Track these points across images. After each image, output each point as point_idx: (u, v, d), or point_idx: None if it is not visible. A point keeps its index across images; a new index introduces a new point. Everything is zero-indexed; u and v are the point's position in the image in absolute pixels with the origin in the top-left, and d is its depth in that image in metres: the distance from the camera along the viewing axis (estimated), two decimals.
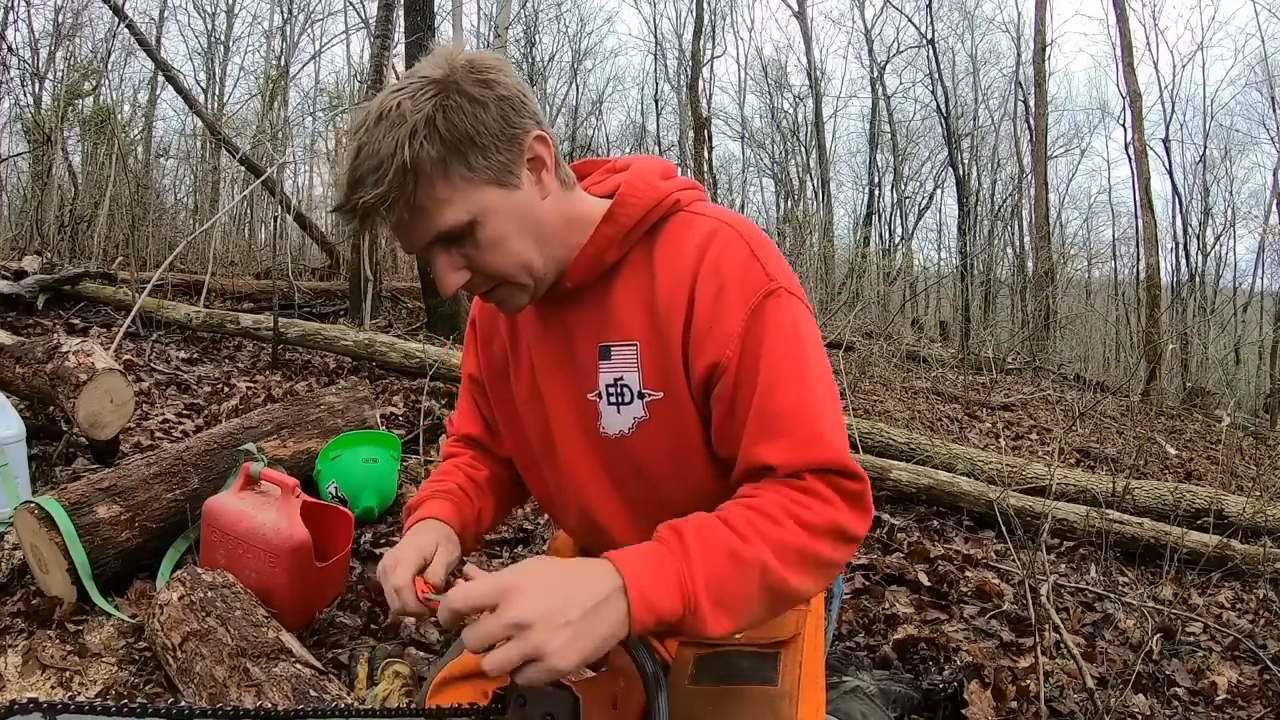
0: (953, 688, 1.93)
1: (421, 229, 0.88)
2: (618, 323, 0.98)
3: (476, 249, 0.90)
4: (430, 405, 3.99)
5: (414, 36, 5.98)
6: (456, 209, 0.87)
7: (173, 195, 13.17)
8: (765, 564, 0.82)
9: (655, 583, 0.78)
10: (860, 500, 0.91)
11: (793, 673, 1.07)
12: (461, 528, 1.10)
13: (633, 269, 0.98)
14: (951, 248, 18.84)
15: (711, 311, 0.92)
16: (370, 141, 0.85)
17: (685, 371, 0.94)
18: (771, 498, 0.88)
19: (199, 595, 1.81)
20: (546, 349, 1.04)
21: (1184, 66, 31.09)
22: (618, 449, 1.00)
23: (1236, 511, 3.45)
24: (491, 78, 0.88)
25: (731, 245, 0.94)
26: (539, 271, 0.94)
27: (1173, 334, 12.12)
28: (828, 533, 0.87)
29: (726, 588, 0.81)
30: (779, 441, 0.89)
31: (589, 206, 0.99)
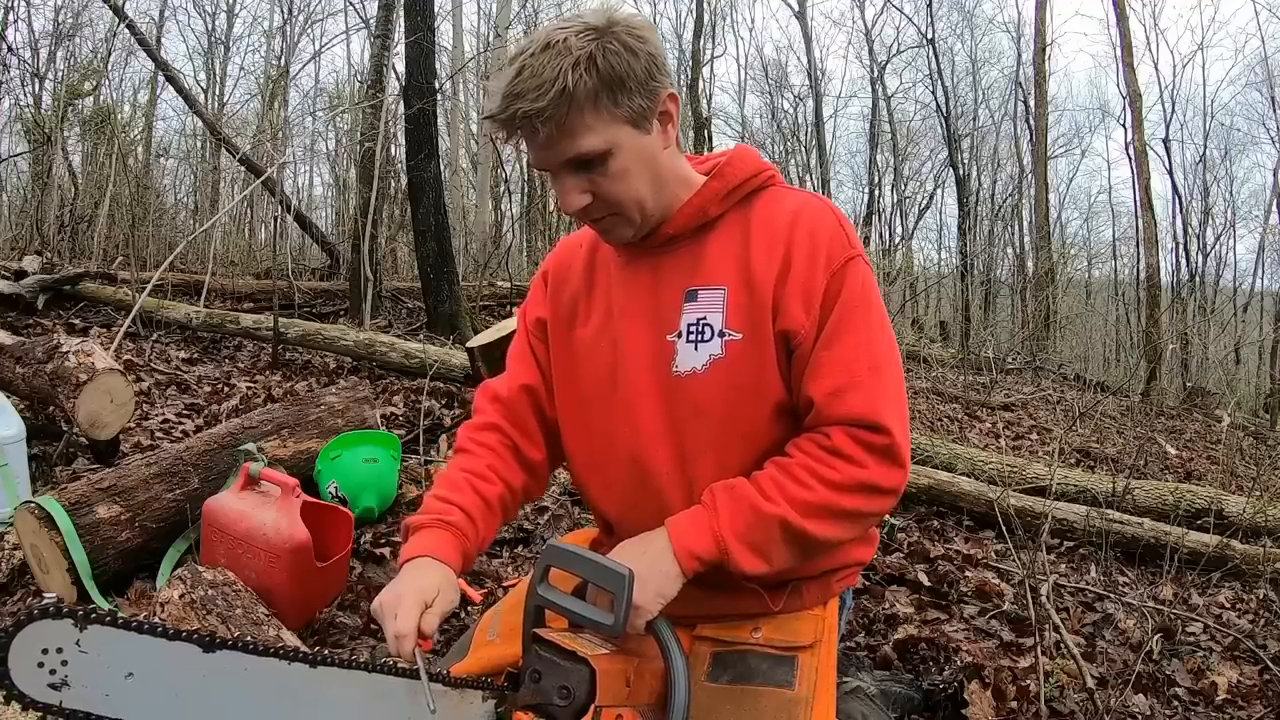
0: (953, 688, 1.93)
1: (562, 148, 0.99)
2: (708, 270, 1.09)
3: (604, 177, 1.02)
4: (430, 405, 3.99)
5: (414, 36, 5.98)
6: (596, 137, 0.98)
7: (173, 195, 13.17)
8: (784, 519, 0.99)
9: (692, 534, 1.01)
10: (889, 453, 1.01)
11: (810, 679, 1.08)
12: (463, 564, 1.11)
13: (728, 226, 1.10)
14: (951, 248, 18.84)
15: (806, 269, 1.04)
16: (534, 64, 0.95)
17: (773, 315, 1.05)
18: (799, 459, 1.03)
19: (200, 593, 1.81)
20: (630, 293, 1.14)
21: (1184, 66, 31.08)
22: (684, 389, 1.08)
23: (1236, 511, 3.45)
24: (643, 34, 1.00)
25: (823, 215, 1.08)
26: (649, 210, 1.06)
27: (1173, 334, 12.12)
28: (854, 489, 1.01)
29: (751, 535, 1.00)
30: (822, 381, 1.03)
31: (692, 173, 1.13)
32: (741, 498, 1.01)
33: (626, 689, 0.95)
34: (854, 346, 1.03)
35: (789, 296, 1.04)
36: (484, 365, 3.73)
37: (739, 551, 0.99)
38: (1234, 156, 17.59)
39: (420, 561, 1.07)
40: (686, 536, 1.00)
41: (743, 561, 1.00)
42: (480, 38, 16.19)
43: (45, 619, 0.72)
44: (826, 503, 1.00)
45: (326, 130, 15.79)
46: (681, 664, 0.95)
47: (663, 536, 1.01)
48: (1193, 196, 16.65)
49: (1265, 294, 15.62)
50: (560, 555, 1.00)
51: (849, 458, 1.00)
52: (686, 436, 1.09)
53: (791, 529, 1.00)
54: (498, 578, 2.44)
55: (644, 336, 1.11)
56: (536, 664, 0.95)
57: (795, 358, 1.05)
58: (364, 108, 6.96)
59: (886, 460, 1.01)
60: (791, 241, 1.06)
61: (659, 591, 0.98)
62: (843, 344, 1.03)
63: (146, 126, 13.66)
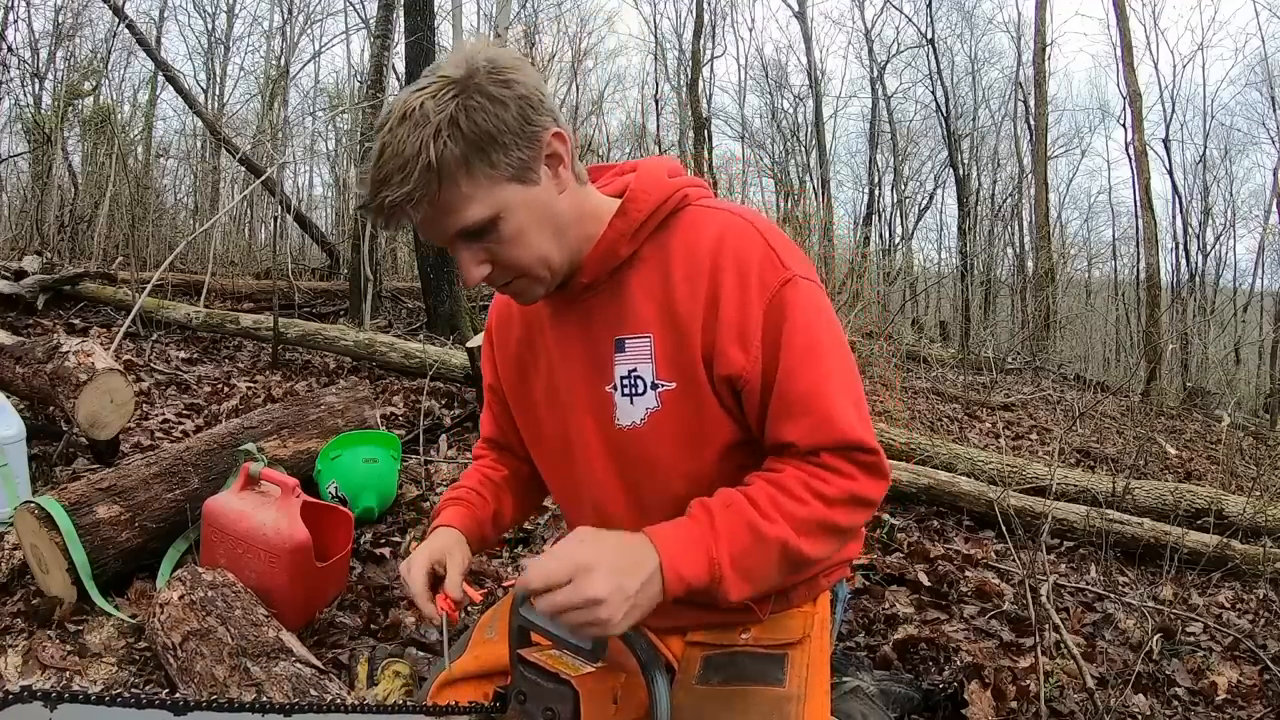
0: (953, 688, 1.93)
1: (446, 225, 0.92)
2: (632, 316, 1.01)
3: (498, 243, 0.93)
4: (430, 405, 3.99)
5: (414, 36, 5.98)
6: (479, 205, 0.90)
7: (173, 195, 13.16)
8: (786, 541, 0.92)
9: (686, 558, 0.89)
10: (876, 468, 0.98)
11: (800, 675, 1.07)
12: (477, 528, 1.17)
13: (646, 264, 1.02)
14: (951, 248, 18.84)
15: (737, 304, 0.96)
16: (394, 141, 0.87)
17: (706, 362, 0.98)
18: (793, 474, 0.96)
19: (199, 594, 1.81)
20: (563, 346, 1.08)
21: (1184, 66, 31.18)
22: (629, 441, 1.04)
23: (1237, 511, 3.45)
24: (511, 77, 0.90)
25: (747, 238, 0.98)
26: (556, 264, 0.98)
27: (1173, 334, 12.12)
28: (845, 502, 0.96)
29: (748, 560, 0.92)
30: (798, 421, 0.97)
31: (601, 202, 1.03)
32: (739, 516, 0.92)
33: (614, 706, 0.95)
34: (817, 377, 0.96)
35: (722, 340, 0.96)
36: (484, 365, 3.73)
37: (732, 579, 0.91)
38: (1234, 156, 17.60)
39: (433, 534, 1.14)
40: (679, 559, 0.89)
41: (731, 589, 0.91)
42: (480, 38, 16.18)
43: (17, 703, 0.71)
44: (821, 518, 0.95)
45: (326, 130, 15.81)
46: (661, 682, 0.94)
47: (648, 551, 0.88)
48: (1193, 196, 16.66)
49: (1265, 294, 15.63)
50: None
51: (840, 471, 0.96)
52: (640, 487, 1.07)
53: (789, 550, 0.93)
54: (498, 578, 2.44)
55: (583, 390, 1.06)
56: (522, 685, 0.95)
57: (747, 399, 0.99)
58: (364, 108, 6.95)
59: (874, 474, 0.98)
60: (716, 275, 0.97)
61: (638, 620, 0.87)
62: (803, 377, 0.96)
63: (146, 126, 13.66)
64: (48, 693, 0.74)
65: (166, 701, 0.79)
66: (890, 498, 3.55)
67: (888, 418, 5.22)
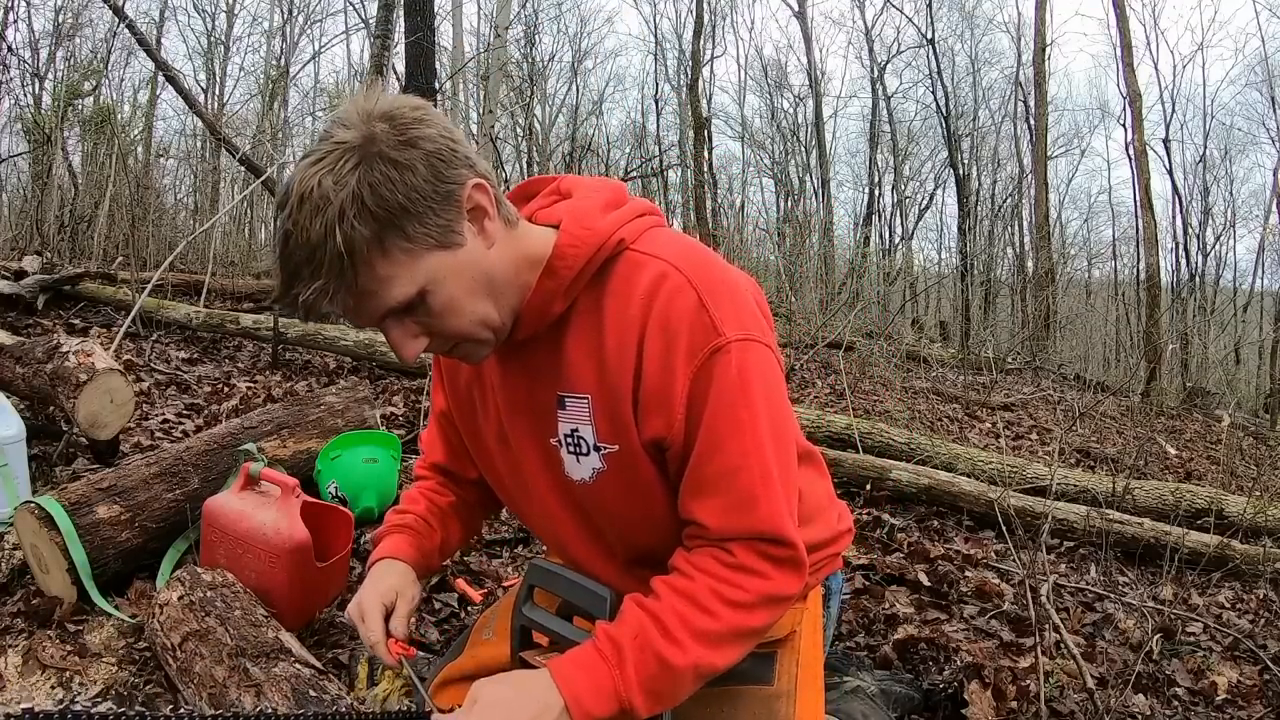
0: (953, 688, 1.93)
1: (371, 309, 0.85)
2: (570, 374, 0.95)
3: (430, 316, 0.87)
4: (430, 405, 3.99)
5: (414, 36, 5.98)
6: (402, 283, 0.83)
7: (173, 195, 13.16)
8: (697, 665, 0.89)
9: (593, 696, 0.87)
10: (792, 564, 0.93)
11: (790, 672, 1.07)
12: (424, 560, 1.15)
13: (581, 317, 0.94)
14: (951, 248, 18.85)
15: (660, 371, 0.89)
16: (297, 229, 0.79)
17: (636, 428, 0.93)
18: (703, 583, 0.91)
19: (199, 595, 1.81)
20: (509, 395, 1.03)
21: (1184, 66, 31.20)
22: (583, 493, 1.01)
23: (1237, 511, 3.45)
24: (414, 133, 0.82)
25: (679, 295, 0.89)
26: (496, 323, 0.92)
27: (1173, 334, 12.13)
28: (758, 605, 0.91)
29: (657, 685, 0.89)
30: (711, 501, 0.91)
31: (535, 242, 0.94)
32: (647, 645, 0.88)
33: None
34: (739, 455, 0.89)
35: (645, 406, 0.91)
36: None
37: (641, 704, 0.88)
38: (1234, 156, 17.64)
39: (378, 565, 1.12)
40: (585, 697, 0.86)
41: (641, 711, 0.89)
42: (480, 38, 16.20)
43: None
44: (734, 628, 0.90)
45: None
46: None
47: (552, 695, 0.86)
48: (1193, 196, 16.68)
49: (1265, 294, 15.64)
50: (543, 575, 0.99)
51: (754, 572, 0.91)
52: (602, 534, 1.05)
53: (701, 670, 0.90)
54: (498, 578, 2.44)
55: (531, 441, 1.02)
56: None
57: (670, 464, 0.95)
58: None
59: (789, 569, 0.93)
60: (644, 334, 0.89)
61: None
62: (726, 454, 0.89)
63: (146, 126, 13.68)
64: (49, 714, 0.73)
65: (170, 718, 0.78)
66: (890, 498, 3.56)
67: (888, 418, 5.22)
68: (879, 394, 6.59)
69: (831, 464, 3.46)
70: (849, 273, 14.19)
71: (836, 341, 7.50)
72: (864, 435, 3.97)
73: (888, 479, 3.57)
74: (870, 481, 3.57)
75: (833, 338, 7.56)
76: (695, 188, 16.07)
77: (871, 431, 4.03)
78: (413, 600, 1.08)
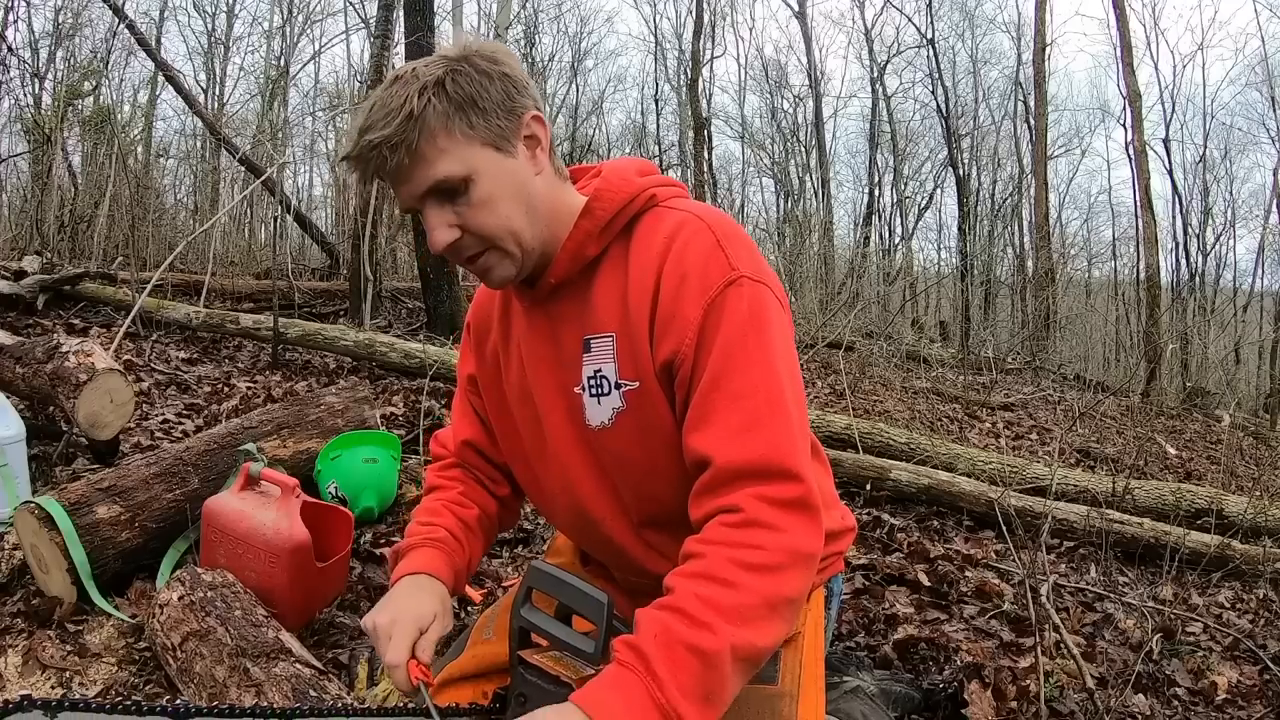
0: (953, 688, 1.93)
1: (419, 177, 0.93)
2: (597, 316, 1.00)
3: (469, 206, 0.94)
4: (430, 405, 3.99)
5: (414, 36, 5.97)
6: (453, 161, 0.92)
7: (173, 195, 13.18)
8: (733, 645, 0.81)
9: (630, 714, 0.77)
10: (804, 508, 0.87)
11: (793, 672, 1.07)
12: (456, 580, 1.11)
13: (611, 264, 1.01)
14: (951, 248, 18.85)
15: (673, 301, 0.94)
16: (383, 98, 0.92)
17: (653, 359, 0.96)
18: (716, 555, 0.85)
19: (199, 595, 1.81)
20: (534, 346, 1.07)
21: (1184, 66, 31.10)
22: (602, 441, 1.02)
23: (1237, 511, 3.45)
24: (501, 59, 0.96)
25: (697, 236, 0.96)
26: (526, 242, 0.97)
27: (1173, 334, 12.12)
28: (783, 565, 0.85)
29: (703, 686, 0.80)
30: (713, 429, 0.90)
31: (575, 199, 1.03)
32: (673, 640, 0.80)
33: None
34: (747, 383, 0.90)
35: (660, 334, 0.94)
36: None
37: (690, 709, 0.78)
38: (1234, 156, 17.60)
39: (415, 579, 1.06)
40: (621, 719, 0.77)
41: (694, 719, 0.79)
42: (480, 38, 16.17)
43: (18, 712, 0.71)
44: (763, 597, 0.83)
45: (326, 130, 15.79)
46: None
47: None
48: (1193, 196, 16.66)
49: (1265, 294, 15.62)
50: (541, 578, 0.98)
51: (767, 526, 0.85)
52: (619, 484, 1.04)
53: (740, 652, 0.81)
54: (497, 578, 2.44)
55: (554, 390, 1.05)
56: (522, 687, 0.95)
57: (676, 392, 0.95)
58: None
59: (804, 514, 0.87)
60: (661, 271, 0.95)
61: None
62: (732, 381, 0.90)
63: (146, 126, 13.68)
64: (48, 701, 0.74)
65: (168, 709, 0.79)
66: (890, 498, 3.56)
67: (888, 418, 5.22)
68: (879, 394, 6.59)
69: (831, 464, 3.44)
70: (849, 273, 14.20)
71: (836, 341, 7.50)
72: (864, 435, 3.97)
73: (888, 479, 3.57)
74: (870, 481, 3.57)
75: (833, 338, 7.56)
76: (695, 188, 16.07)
77: (871, 431, 4.03)
78: (446, 629, 1.03)
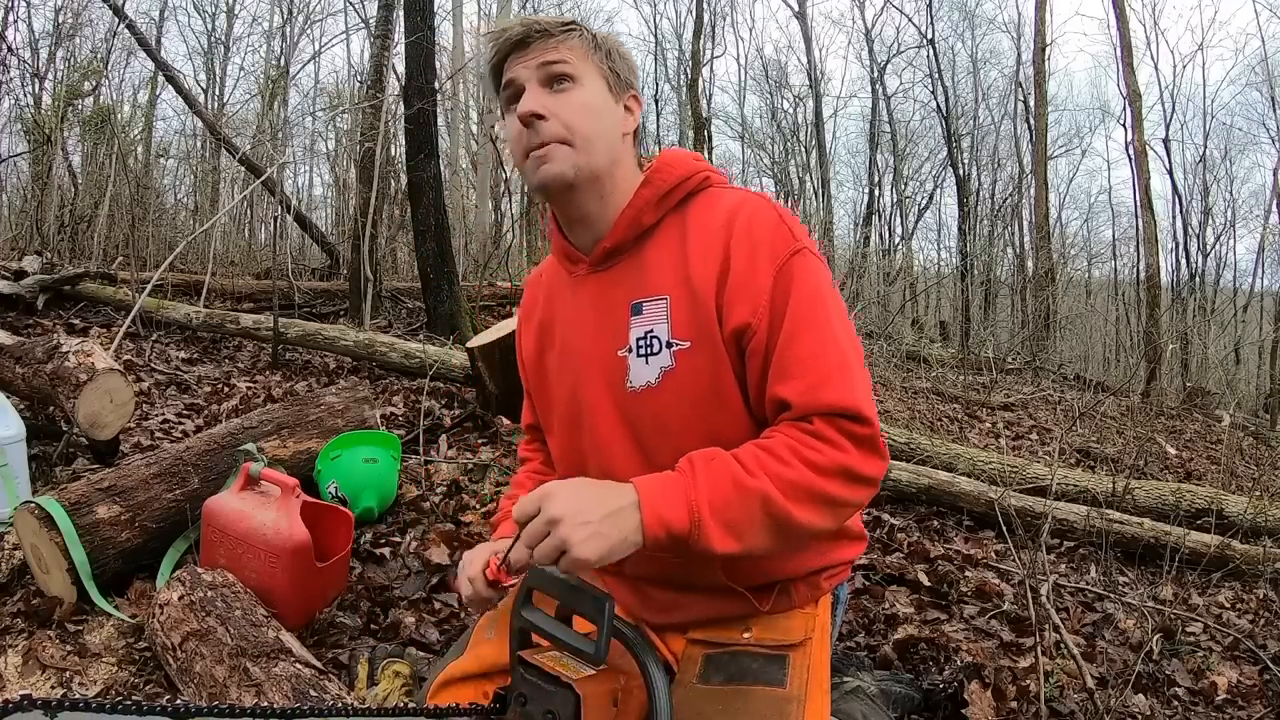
0: (953, 688, 1.93)
1: (541, 54, 1.07)
2: (650, 281, 1.08)
3: (565, 98, 1.06)
4: (430, 405, 3.99)
5: (414, 36, 5.97)
6: (573, 63, 1.07)
7: (173, 195, 13.16)
8: (767, 495, 0.93)
9: (665, 499, 0.92)
10: (870, 443, 0.99)
11: (801, 677, 1.07)
12: None
13: (666, 234, 1.10)
14: (951, 248, 18.86)
15: (746, 267, 1.02)
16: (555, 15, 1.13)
17: (719, 320, 1.03)
18: (781, 439, 0.98)
19: (199, 595, 1.81)
20: (579, 313, 1.15)
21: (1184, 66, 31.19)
22: (642, 403, 1.08)
23: (1237, 512, 3.45)
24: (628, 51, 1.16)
25: (762, 211, 1.06)
26: (592, 158, 1.07)
27: (1173, 334, 12.12)
28: (835, 473, 0.96)
29: (729, 510, 0.93)
30: (794, 382, 1.00)
31: (638, 179, 1.13)
32: (721, 470, 0.94)
33: (614, 709, 0.95)
34: (819, 343, 1.00)
35: (732, 298, 1.02)
36: (483, 365, 3.73)
37: (712, 527, 0.92)
38: (1234, 156, 17.62)
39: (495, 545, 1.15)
40: (659, 502, 0.91)
41: (714, 538, 0.92)
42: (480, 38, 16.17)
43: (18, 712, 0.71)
44: (809, 484, 0.95)
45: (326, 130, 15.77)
46: (660, 684, 0.94)
47: (629, 494, 0.92)
48: (1193, 196, 16.67)
49: (1265, 294, 15.61)
50: (541, 578, 0.99)
51: (831, 441, 0.97)
52: (652, 451, 1.08)
53: (772, 507, 0.93)
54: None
55: (596, 355, 1.11)
56: (523, 687, 0.95)
57: (750, 357, 1.03)
58: (364, 108, 6.95)
59: (868, 449, 0.98)
60: (729, 241, 1.04)
61: (606, 552, 0.88)
62: (805, 342, 1.00)
63: (146, 126, 13.66)
64: (48, 700, 0.73)
65: (168, 708, 0.78)
66: (890, 498, 3.56)
67: (888, 418, 5.22)
68: (879, 394, 6.58)
69: None
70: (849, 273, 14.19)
71: None
72: None
73: (888, 479, 3.57)
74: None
75: None
76: None
77: None
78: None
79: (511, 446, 3.55)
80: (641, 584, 1.19)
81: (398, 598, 2.26)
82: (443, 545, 2.51)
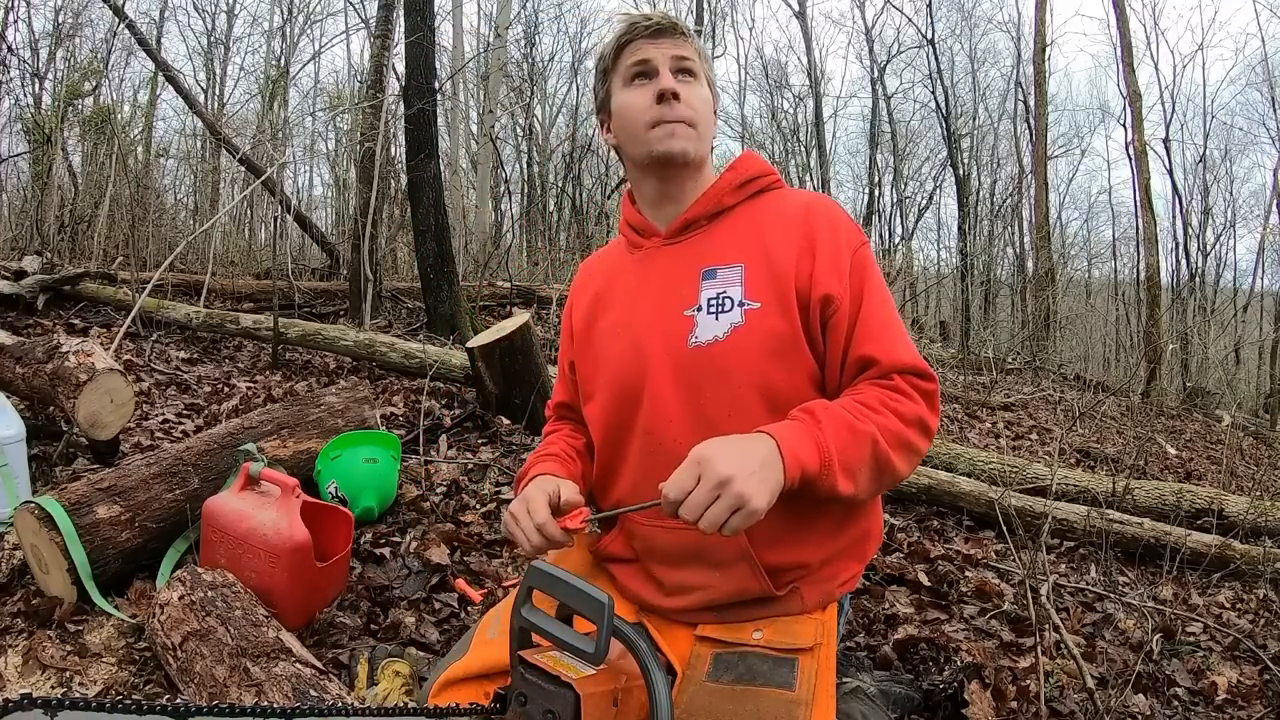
0: (953, 688, 1.93)
1: (675, 48, 1.22)
2: (724, 251, 1.20)
3: (690, 89, 1.22)
4: (430, 405, 3.99)
5: (414, 36, 5.97)
6: (696, 65, 1.24)
7: (173, 195, 13.16)
8: (876, 439, 1.05)
9: (800, 443, 1.00)
10: (934, 399, 1.14)
11: (810, 681, 1.09)
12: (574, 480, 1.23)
13: (739, 216, 1.24)
14: (951, 248, 18.85)
15: (831, 246, 1.17)
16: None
17: (800, 288, 1.15)
18: (871, 393, 1.10)
19: (199, 595, 1.81)
20: (644, 282, 1.25)
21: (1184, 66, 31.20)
22: (703, 359, 1.15)
23: (1237, 512, 3.45)
24: None
25: (835, 206, 1.24)
26: (703, 144, 1.24)
27: (1173, 334, 12.12)
28: (915, 423, 1.10)
29: (847, 452, 1.03)
30: (880, 343, 1.14)
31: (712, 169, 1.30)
32: (838, 417, 1.04)
33: (614, 709, 0.95)
34: (890, 318, 1.17)
35: (820, 268, 1.15)
36: (483, 365, 3.73)
37: (838, 468, 1.01)
38: (1234, 156, 17.64)
39: (534, 481, 1.18)
40: (795, 446, 0.99)
41: (839, 479, 1.01)
42: (480, 38, 16.20)
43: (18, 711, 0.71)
44: (899, 431, 1.07)
45: (326, 130, 15.79)
46: (661, 684, 0.94)
47: (768, 442, 0.98)
48: (1193, 196, 16.68)
49: (1265, 294, 15.62)
50: (542, 578, 0.99)
51: (909, 395, 1.11)
52: (706, 404, 1.15)
53: (879, 451, 1.05)
54: (497, 578, 2.44)
55: (659, 314, 1.20)
56: (523, 687, 0.95)
57: (833, 326, 1.15)
58: (364, 108, 6.95)
59: (933, 404, 1.12)
60: (811, 225, 1.18)
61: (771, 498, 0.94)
62: (878, 313, 1.15)
63: (146, 126, 13.65)
64: (48, 699, 0.73)
65: (168, 707, 0.78)
66: (890, 497, 3.56)
67: None
68: None
69: None
70: None
71: None
72: None
73: None
74: None
75: None
76: None
77: None
78: (577, 493, 1.14)
79: (512, 446, 3.55)
80: (655, 566, 1.21)
81: (398, 598, 2.26)
82: (443, 545, 2.51)
